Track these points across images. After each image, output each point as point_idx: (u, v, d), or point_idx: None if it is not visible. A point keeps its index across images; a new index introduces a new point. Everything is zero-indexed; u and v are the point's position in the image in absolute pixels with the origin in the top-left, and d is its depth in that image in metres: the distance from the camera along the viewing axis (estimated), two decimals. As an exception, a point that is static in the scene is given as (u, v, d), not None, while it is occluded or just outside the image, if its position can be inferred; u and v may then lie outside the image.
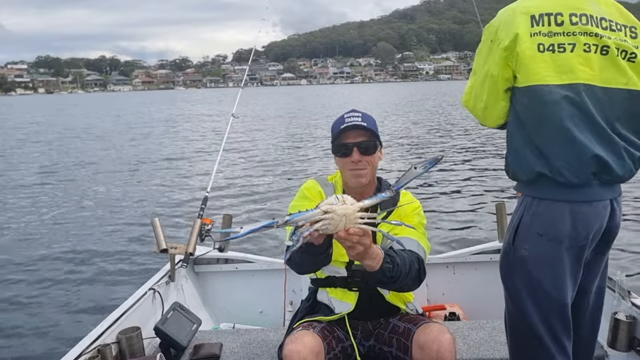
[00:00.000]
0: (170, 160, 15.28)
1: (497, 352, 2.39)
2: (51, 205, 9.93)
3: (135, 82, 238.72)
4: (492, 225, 3.63)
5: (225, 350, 2.59)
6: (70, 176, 13.17)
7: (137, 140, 21.27)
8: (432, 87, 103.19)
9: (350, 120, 2.07)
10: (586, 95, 1.64)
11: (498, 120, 1.82)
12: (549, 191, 1.69)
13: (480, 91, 1.80)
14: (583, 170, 1.65)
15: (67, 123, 33.96)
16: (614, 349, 2.23)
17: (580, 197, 1.67)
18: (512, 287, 1.79)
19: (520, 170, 1.76)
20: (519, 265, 1.75)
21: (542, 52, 1.66)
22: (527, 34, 1.67)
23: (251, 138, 19.90)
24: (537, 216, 1.71)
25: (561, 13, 1.68)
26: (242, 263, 3.40)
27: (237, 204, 9.38)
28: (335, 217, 1.56)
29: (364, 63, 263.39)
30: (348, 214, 1.57)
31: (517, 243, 1.75)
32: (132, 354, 2.39)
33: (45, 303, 5.30)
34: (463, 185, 10.29)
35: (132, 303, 2.65)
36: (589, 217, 1.68)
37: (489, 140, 16.80)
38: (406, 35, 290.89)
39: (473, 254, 3.29)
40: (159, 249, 2.88)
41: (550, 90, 1.65)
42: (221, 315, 3.36)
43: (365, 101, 50.88)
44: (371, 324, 2.17)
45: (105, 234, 7.78)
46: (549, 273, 1.70)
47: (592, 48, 1.66)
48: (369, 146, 2.05)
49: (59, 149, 19.24)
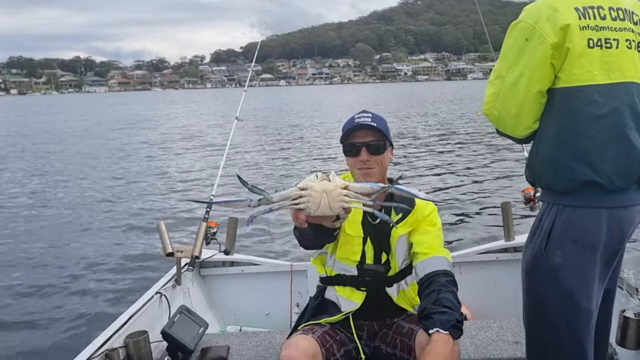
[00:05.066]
0: (176, 163, 15.22)
1: (504, 351, 2.40)
2: (54, 207, 9.85)
3: (111, 83, 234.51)
4: (497, 225, 3.65)
5: (233, 353, 2.59)
6: (74, 179, 13.01)
7: (139, 143, 21.07)
8: (410, 88, 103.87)
9: (359, 120, 2.08)
10: (633, 95, 1.57)
11: (532, 127, 1.67)
12: (586, 198, 1.59)
13: (510, 96, 1.63)
14: (631, 174, 1.58)
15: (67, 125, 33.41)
16: (622, 347, 2.20)
17: (618, 203, 1.60)
18: (542, 297, 1.71)
19: (559, 181, 1.62)
20: (549, 273, 1.66)
21: (591, 48, 1.54)
22: (578, 28, 1.54)
23: (255, 140, 19.84)
24: (571, 222, 1.62)
25: (602, 6, 1.58)
26: (248, 265, 3.38)
27: (244, 207, 9.28)
28: (313, 194, 1.49)
29: (342, 64, 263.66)
30: (328, 190, 1.50)
31: (550, 249, 1.65)
32: (140, 358, 2.37)
33: (52, 308, 5.25)
34: (468, 184, 10.33)
35: (139, 307, 2.64)
36: (623, 221, 1.63)
37: (491, 140, 16.81)
38: (384, 37, 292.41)
39: (479, 253, 3.27)
40: (164, 252, 2.86)
41: (600, 90, 1.55)
42: (228, 318, 3.35)
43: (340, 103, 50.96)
44: (377, 324, 2.18)
45: (111, 238, 7.72)
46: (582, 281, 1.63)
47: (632, 44, 1.58)
48: (377, 146, 2.06)
49: (58, 152, 18.97)
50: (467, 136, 18.86)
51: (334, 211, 1.54)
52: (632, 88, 1.57)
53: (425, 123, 24.77)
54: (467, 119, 25.74)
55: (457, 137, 18.61)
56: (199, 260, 3.12)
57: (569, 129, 1.57)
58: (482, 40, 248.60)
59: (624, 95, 1.55)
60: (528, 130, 1.68)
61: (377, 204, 1.77)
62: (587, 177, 1.55)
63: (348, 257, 2.11)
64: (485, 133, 18.33)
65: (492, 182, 10.44)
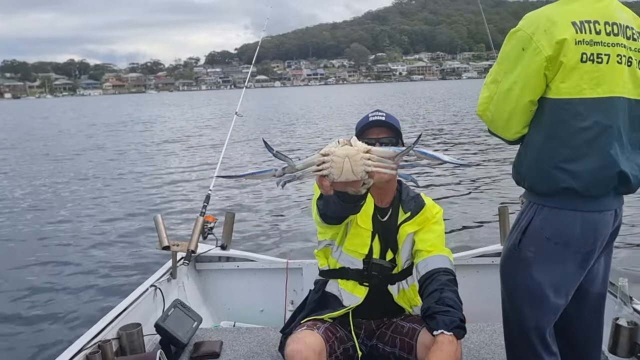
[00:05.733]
0: (173, 157, 15.34)
1: (497, 355, 2.42)
2: (53, 201, 9.93)
3: (105, 86, 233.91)
4: (493, 229, 3.65)
5: (226, 348, 2.60)
6: (70, 174, 13.10)
7: (138, 139, 21.14)
8: (405, 88, 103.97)
9: (374, 118, 2.14)
10: (618, 109, 1.62)
11: (521, 132, 1.74)
12: (564, 201, 1.67)
13: (504, 101, 1.70)
14: (607, 184, 1.65)
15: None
16: (614, 354, 2.22)
17: (593, 208, 1.67)
18: (512, 287, 1.81)
19: (541, 183, 1.70)
20: (522, 266, 1.75)
21: (584, 62, 1.59)
22: (573, 42, 1.59)
23: (254, 135, 19.92)
24: (547, 221, 1.70)
25: (598, 21, 1.62)
26: (243, 261, 3.38)
27: (240, 201, 9.35)
28: (336, 159, 1.48)
29: (337, 64, 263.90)
30: (350, 154, 1.48)
31: (524, 244, 1.74)
32: (133, 350, 2.38)
33: (47, 299, 5.28)
34: (465, 188, 10.33)
35: (133, 299, 2.64)
36: (597, 224, 1.69)
37: (488, 142, 16.81)
38: (379, 37, 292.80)
39: (474, 256, 3.27)
40: (161, 246, 2.87)
41: (586, 103, 1.60)
42: (222, 313, 3.35)
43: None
44: (375, 323, 2.20)
45: (107, 230, 7.78)
46: (551, 276, 1.71)
47: (622, 60, 1.63)
48: (390, 143, 2.10)
49: (53, 148, 19.09)
50: (462, 136, 18.85)
51: (357, 175, 1.53)
52: (618, 103, 1.63)
53: (425, 122, 24.80)
54: (468, 117, 25.71)
55: (456, 137, 18.63)
56: (194, 255, 3.11)
57: (555, 137, 1.64)
58: (477, 40, 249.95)
59: (609, 109, 1.61)
60: (518, 134, 1.75)
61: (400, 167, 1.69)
62: (565, 183, 1.63)
63: (356, 249, 2.12)
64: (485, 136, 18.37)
65: (489, 186, 10.44)
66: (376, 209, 2.16)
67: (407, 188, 2.26)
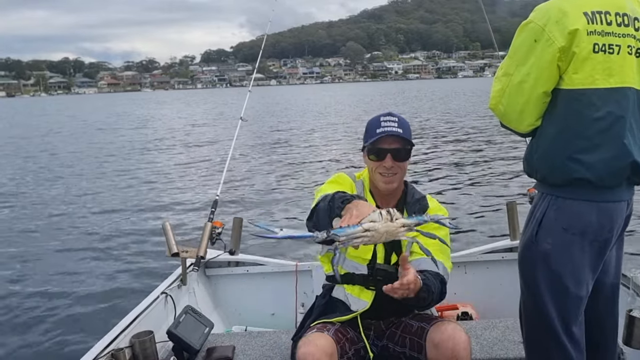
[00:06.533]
0: (180, 165, 15.18)
1: (510, 351, 2.40)
2: (60, 208, 9.87)
3: (100, 84, 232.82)
4: (502, 224, 3.67)
5: (238, 352, 2.60)
6: (78, 180, 13.04)
7: (145, 144, 20.97)
8: (401, 86, 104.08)
9: (386, 125, 2.10)
10: (629, 99, 1.64)
11: (534, 124, 1.75)
12: (578, 192, 1.68)
13: (516, 94, 1.71)
14: (621, 174, 1.66)
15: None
16: (629, 346, 2.20)
17: (609, 198, 1.69)
18: (532, 280, 1.79)
19: (554, 175, 1.71)
20: (540, 258, 1.74)
21: (596, 53, 1.61)
22: (585, 32, 1.60)
23: (260, 140, 19.78)
24: (562, 211, 1.71)
25: (609, 12, 1.64)
26: (253, 266, 3.37)
27: (248, 206, 9.30)
28: (376, 235, 1.58)
29: (333, 63, 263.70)
30: (391, 231, 1.59)
31: (540, 237, 1.74)
32: (146, 357, 2.37)
33: (58, 309, 5.26)
34: (473, 184, 10.34)
35: (145, 307, 2.64)
36: (612, 213, 1.71)
37: (496, 138, 16.81)
38: (375, 35, 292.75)
39: (484, 252, 3.26)
40: (170, 252, 2.86)
41: (599, 93, 1.61)
42: (233, 318, 3.35)
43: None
44: (384, 323, 2.19)
45: (116, 238, 7.73)
46: (570, 267, 1.71)
47: (632, 50, 1.65)
48: (403, 153, 2.10)
49: (60, 153, 18.91)
50: (471, 134, 18.88)
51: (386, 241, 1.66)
52: (630, 93, 1.64)
53: (425, 121, 24.82)
54: (475, 115, 25.69)
55: (457, 135, 18.67)
56: (204, 261, 3.11)
57: (568, 129, 1.65)
58: (472, 38, 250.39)
59: (621, 99, 1.62)
60: (531, 127, 1.76)
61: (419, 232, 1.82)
62: (579, 174, 1.64)
63: (359, 255, 2.11)
64: (493, 132, 18.28)
65: (497, 182, 10.46)
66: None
67: (412, 189, 2.25)
